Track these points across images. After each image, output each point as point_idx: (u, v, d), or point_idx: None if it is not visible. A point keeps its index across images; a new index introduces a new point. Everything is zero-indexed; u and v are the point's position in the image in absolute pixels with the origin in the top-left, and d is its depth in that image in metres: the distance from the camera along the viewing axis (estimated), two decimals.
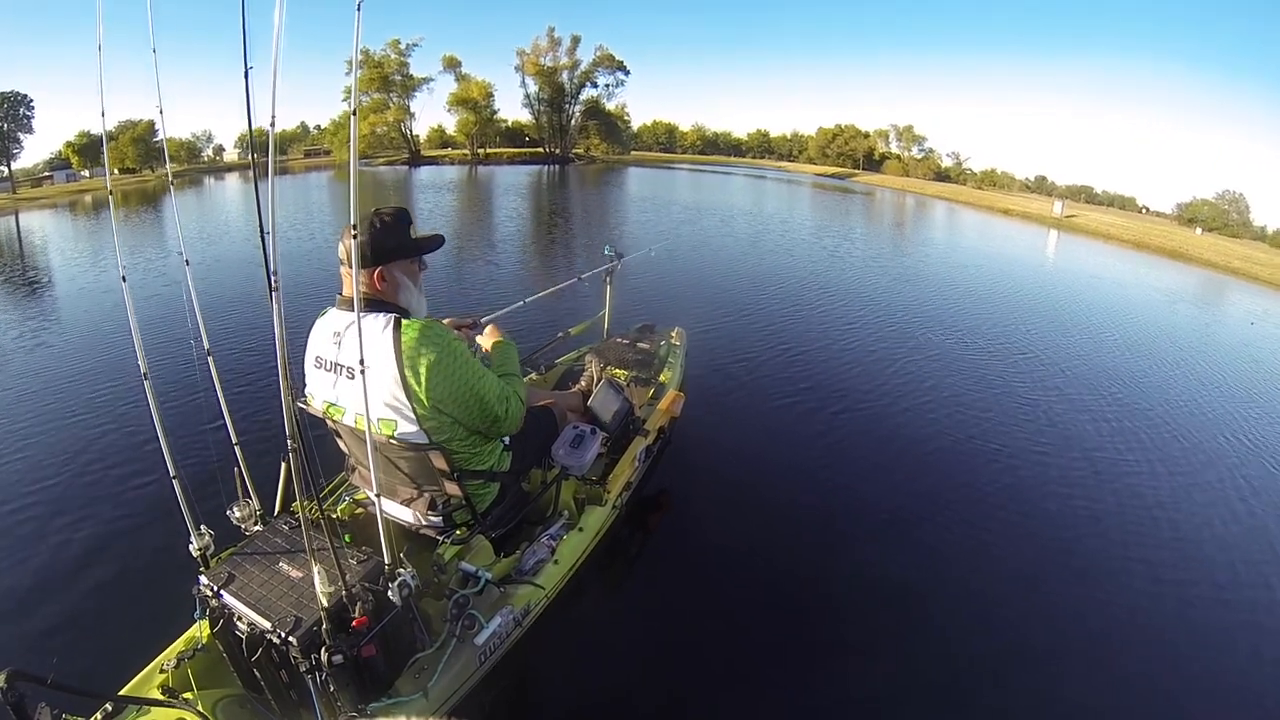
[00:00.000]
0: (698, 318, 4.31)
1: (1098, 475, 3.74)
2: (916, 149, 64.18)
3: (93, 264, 9.78)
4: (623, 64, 49.59)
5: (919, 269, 10.96)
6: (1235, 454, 4.27)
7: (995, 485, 3.50)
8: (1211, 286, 15.22)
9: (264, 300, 2.37)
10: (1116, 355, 6.54)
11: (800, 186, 35.02)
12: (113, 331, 5.84)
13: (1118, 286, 12.18)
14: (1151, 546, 3.08)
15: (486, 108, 46.81)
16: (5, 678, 1.02)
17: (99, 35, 1.60)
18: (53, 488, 3.17)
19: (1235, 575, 2.93)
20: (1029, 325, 7.37)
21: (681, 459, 3.36)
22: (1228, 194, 43.60)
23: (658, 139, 74.45)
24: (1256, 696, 2.26)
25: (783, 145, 76.43)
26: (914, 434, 4.05)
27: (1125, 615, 2.60)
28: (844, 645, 2.35)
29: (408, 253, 1.73)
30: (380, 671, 1.47)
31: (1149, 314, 9.59)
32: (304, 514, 1.39)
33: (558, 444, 2.20)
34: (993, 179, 62.23)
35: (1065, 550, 2.98)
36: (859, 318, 6.87)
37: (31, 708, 1.09)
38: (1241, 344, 8.43)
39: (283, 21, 1.10)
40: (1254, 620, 2.64)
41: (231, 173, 37.82)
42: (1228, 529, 3.33)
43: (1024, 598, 2.65)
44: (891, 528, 3.06)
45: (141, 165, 39.27)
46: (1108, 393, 5.21)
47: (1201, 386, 5.82)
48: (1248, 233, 39.83)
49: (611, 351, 3.53)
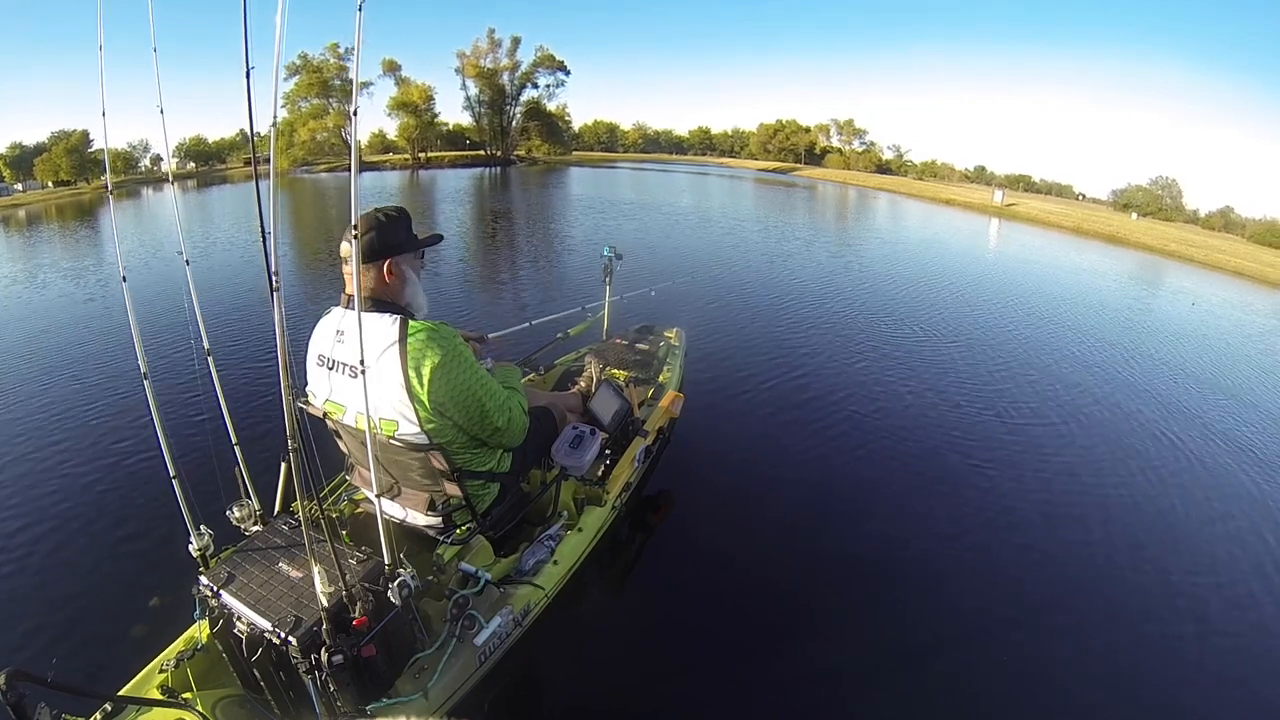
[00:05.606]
0: (667, 317, 4.33)
1: (1098, 476, 3.74)
2: (858, 142, 64.75)
3: (30, 281, 8.96)
4: (563, 64, 49.26)
5: (878, 263, 11.12)
6: (1191, 432, 4.39)
7: (995, 482, 3.50)
8: (1152, 269, 16.03)
9: (265, 301, 2.38)
10: (1086, 346, 6.67)
11: (743, 182, 34.96)
12: (113, 332, 5.85)
13: (1072, 273, 12.76)
14: (1142, 534, 3.10)
15: (427, 111, 46.10)
16: (5, 678, 1.02)
17: (99, 36, 1.61)
18: (53, 488, 3.17)
19: (1212, 555, 2.97)
20: (994, 313, 7.76)
21: (681, 459, 3.36)
22: (1161, 179, 44.90)
23: (599, 138, 74.47)
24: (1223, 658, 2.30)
25: (725, 142, 76.67)
26: (913, 431, 4.05)
27: (1102, 608, 2.62)
28: (844, 645, 2.34)
29: (413, 247, 1.75)
30: (380, 671, 1.47)
31: (1110, 301, 9.92)
32: (304, 514, 1.38)
33: (557, 445, 2.20)
34: (933, 170, 62.98)
35: (1068, 552, 2.99)
36: (844, 315, 6.92)
37: (31, 708, 1.09)
38: (1194, 328, 8.76)
39: (285, 22, 1.10)
40: (1219, 591, 2.76)
41: (169, 184, 36.12)
42: (1198, 509, 3.43)
43: (1022, 596, 2.65)
44: (891, 523, 3.06)
45: (76, 177, 37.60)
46: (1089, 388, 5.26)
47: (1154, 369, 6.11)
48: (1181, 216, 41.19)
49: (611, 352, 3.54)
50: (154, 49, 1.68)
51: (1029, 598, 2.65)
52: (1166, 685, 2.27)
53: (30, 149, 38.16)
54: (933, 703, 2.12)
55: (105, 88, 1.63)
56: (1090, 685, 2.22)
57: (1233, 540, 3.19)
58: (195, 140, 50.75)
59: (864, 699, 2.13)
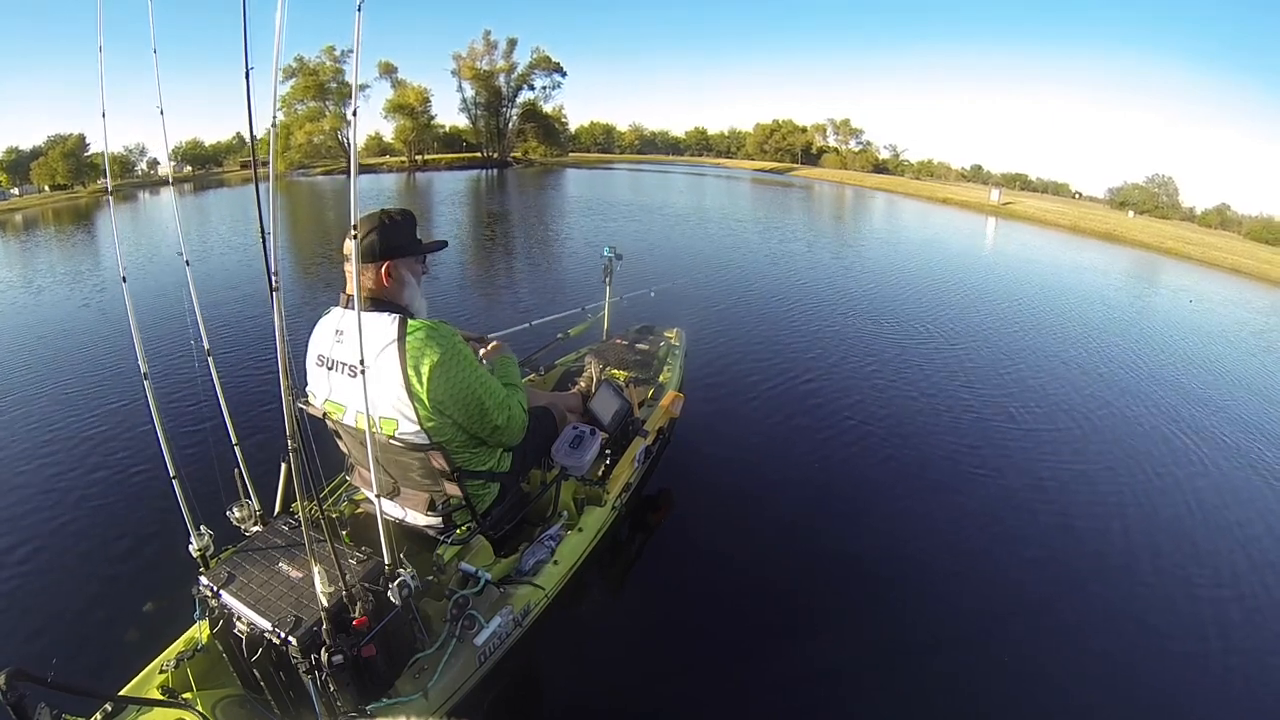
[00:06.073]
0: (668, 317, 4.34)
1: (1098, 476, 3.73)
2: (854, 142, 64.68)
3: (29, 283, 8.97)
4: (559, 66, 49.14)
5: (877, 263, 11.12)
6: (1194, 437, 4.34)
7: (995, 482, 3.50)
8: (1150, 266, 16.10)
9: (264, 301, 2.38)
10: (1085, 345, 6.68)
11: (740, 182, 34.96)
12: (113, 333, 5.85)
13: (1072, 272, 12.80)
14: (1143, 534, 3.10)
15: (424, 113, 45.91)
16: (5, 678, 1.02)
17: (99, 36, 1.61)
18: (53, 488, 3.17)
19: (1212, 554, 2.97)
20: (993, 312, 7.77)
21: (681, 459, 3.36)
22: (1157, 177, 44.94)
23: (595, 140, 74.19)
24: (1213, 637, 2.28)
25: (721, 142, 76.59)
26: (913, 431, 4.05)
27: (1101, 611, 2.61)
28: (844, 645, 2.34)
29: (415, 251, 1.75)
30: (380, 671, 1.47)
31: (1109, 299, 9.95)
32: (304, 514, 1.38)
33: (557, 445, 2.20)
34: (929, 169, 62.89)
35: (1067, 551, 2.99)
36: (844, 315, 6.92)
37: (31, 708, 1.09)
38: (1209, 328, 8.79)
39: (284, 22, 1.11)
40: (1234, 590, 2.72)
41: (166, 186, 36.12)
42: (1198, 509, 3.42)
43: (1020, 593, 2.66)
44: (891, 523, 3.07)
45: (73, 181, 37.18)
46: (1088, 387, 5.26)
47: (1154, 368, 6.11)
48: (1177, 214, 41.20)
49: (611, 352, 3.54)
50: (154, 50, 1.68)
51: (1029, 598, 2.65)
52: (1166, 685, 2.27)
53: (26, 153, 37.96)
54: (933, 703, 2.12)
55: (103, 87, 1.63)
56: (1090, 685, 2.22)
57: (1233, 539, 3.19)
58: (192, 144, 50.58)
59: (864, 699, 2.13)
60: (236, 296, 7.11)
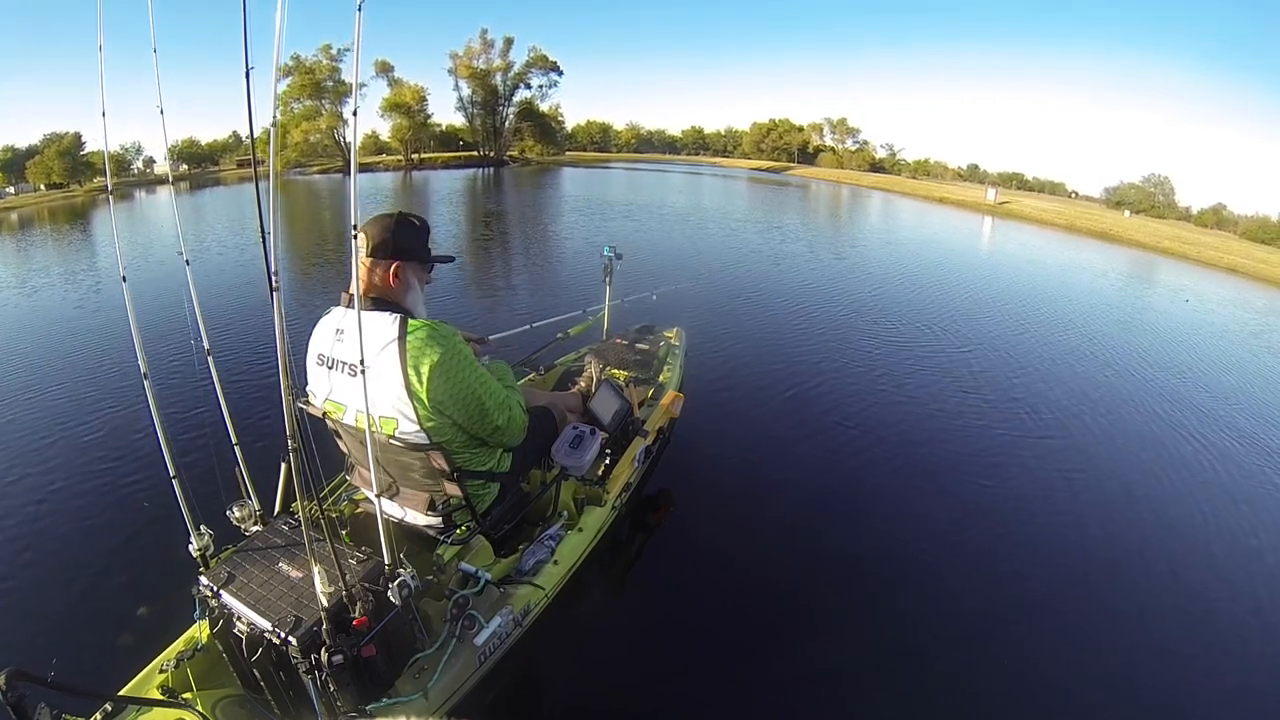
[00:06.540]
0: (668, 317, 4.34)
1: (1098, 476, 3.74)
2: (851, 141, 64.45)
3: (27, 284, 8.87)
4: (556, 64, 48.96)
5: (876, 263, 11.12)
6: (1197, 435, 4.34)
7: (996, 482, 3.51)
8: (1146, 266, 16.18)
9: (264, 301, 2.38)
10: (1085, 345, 6.69)
11: (737, 181, 34.98)
12: (113, 331, 5.84)
13: (1071, 271, 12.84)
14: (1143, 534, 3.10)
15: (420, 112, 45.81)
16: (5, 678, 1.02)
17: (99, 35, 1.61)
18: (52, 488, 3.17)
19: (1212, 554, 2.97)
20: (993, 312, 7.79)
21: (681, 459, 3.36)
22: (1154, 177, 44.93)
23: (593, 139, 73.76)
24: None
25: (718, 141, 76.21)
26: (913, 431, 4.05)
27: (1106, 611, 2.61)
28: (844, 645, 2.34)
29: (425, 258, 1.77)
30: (380, 671, 1.47)
31: (1107, 299, 10.00)
32: (304, 514, 1.38)
33: (557, 444, 2.20)
34: (926, 169, 62.56)
35: (1068, 551, 2.99)
36: (843, 315, 6.93)
37: (31, 708, 1.09)
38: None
39: (284, 22, 1.10)
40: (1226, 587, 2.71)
41: (164, 185, 34.78)
42: (1198, 509, 3.41)
43: (1020, 592, 2.66)
44: (891, 523, 3.07)
45: (69, 180, 36.72)
46: (1087, 387, 5.26)
47: (1153, 368, 6.10)
48: (1173, 214, 41.08)
49: (611, 352, 3.53)
50: (154, 49, 1.67)
51: (1029, 598, 2.65)
52: (1166, 685, 2.28)
53: (22, 152, 37.85)
54: (933, 703, 2.12)
55: (103, 87, 1.63)
56: (1090, 685, 2.22)
57: (1233, 538, 3.20)
58: (188, 142, 50.36)
59: (864, 699, 2.14)
60: (236, 296, 7.10)
